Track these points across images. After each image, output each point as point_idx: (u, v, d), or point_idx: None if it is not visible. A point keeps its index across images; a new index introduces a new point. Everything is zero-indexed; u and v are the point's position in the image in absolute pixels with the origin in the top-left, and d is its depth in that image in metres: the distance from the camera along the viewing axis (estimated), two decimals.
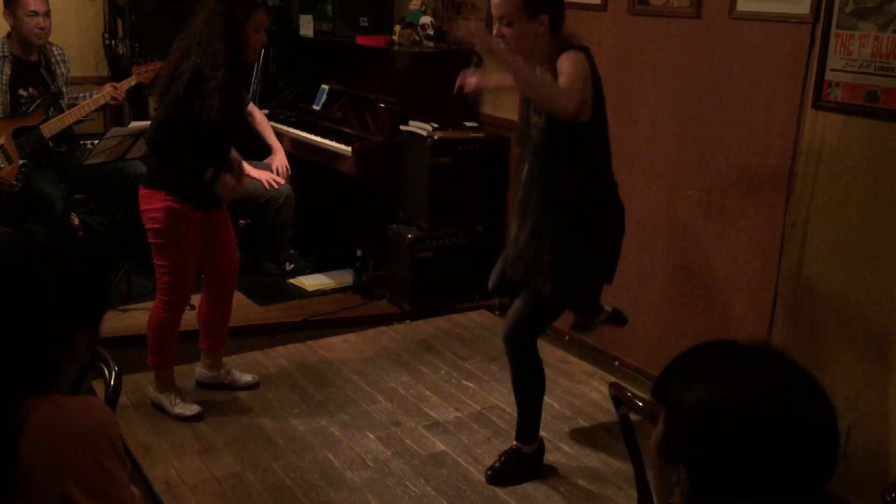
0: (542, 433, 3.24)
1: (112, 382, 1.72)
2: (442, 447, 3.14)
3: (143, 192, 3.14)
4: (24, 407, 1.22)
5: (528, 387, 2.96)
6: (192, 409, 3.26)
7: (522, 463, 2.98)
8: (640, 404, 1.67)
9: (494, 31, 2.64)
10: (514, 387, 2.99)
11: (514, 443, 3.01)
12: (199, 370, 3.50)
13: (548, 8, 2.60)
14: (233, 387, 3.49)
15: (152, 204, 3.09)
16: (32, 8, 4.08)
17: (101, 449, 1.24)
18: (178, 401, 3.28)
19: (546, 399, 3.48)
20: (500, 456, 3.01)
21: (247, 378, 3.53)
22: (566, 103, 2.49)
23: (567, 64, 2.54)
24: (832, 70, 2.84)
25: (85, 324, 1.34)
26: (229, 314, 3.48)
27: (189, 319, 3.38)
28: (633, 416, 1.75)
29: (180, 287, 3.20)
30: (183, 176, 3.07)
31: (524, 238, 2.80)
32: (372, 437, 3.19)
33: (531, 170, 2.75)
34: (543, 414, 3.36)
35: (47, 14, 4.15)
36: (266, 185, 4.42)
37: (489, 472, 2.97)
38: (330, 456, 3.05)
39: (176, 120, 2.96)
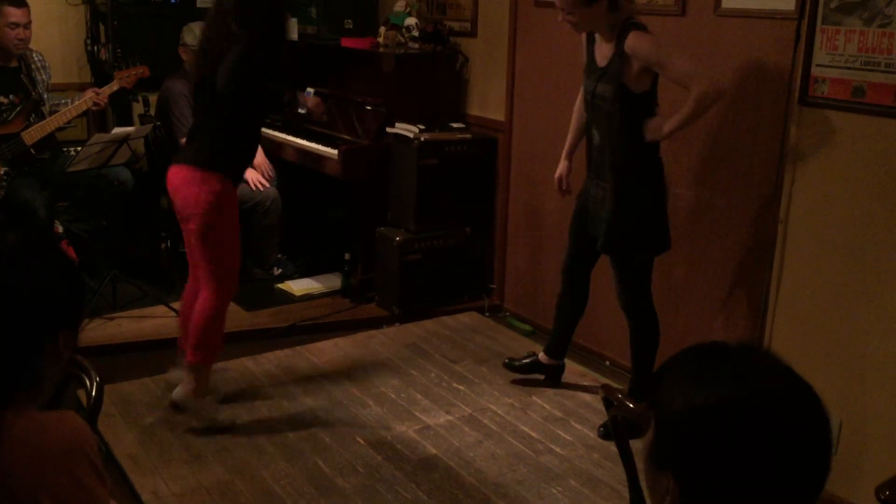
0: (533, 435, 3.24)
1: (94, 393, 1.69)
2: (433, 451, 3.11)
3: (192, 173, 3.02)
4: None
5: (640, 346, 3.20)
6: (228, 418, 3.24)
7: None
8: (631, 406, 1.65)
9: (559, 18, 3.01)
10: (630, 345, 3.24)
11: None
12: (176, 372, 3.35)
13: None
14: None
15: (207, 186, 3.00)
16: (13, 20, 4.04)
17: (77, 465, 1.21)
18: (211, 406, 3.22)
19: (537, 401, 3.49)
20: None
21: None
22: (713, 94, 2.80)
23: (649, 54, 2.86)
24: (818, 66, 2.83)
25: (63, 323, 1.32)
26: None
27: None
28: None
29: (234, 272, 3.17)
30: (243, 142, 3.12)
31: (601, 196, 3.10)
32: (362, 442, 3.16)
33: (603, 137, 3.05)
34: (535, 416, 3.37)
35: (28, 25, 4.11)
36: (252, 185, 4.39)
37: (601, 430, 3.22)
38: (320, 462, 3.02)
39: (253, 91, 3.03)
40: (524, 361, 3.61)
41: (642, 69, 2.90)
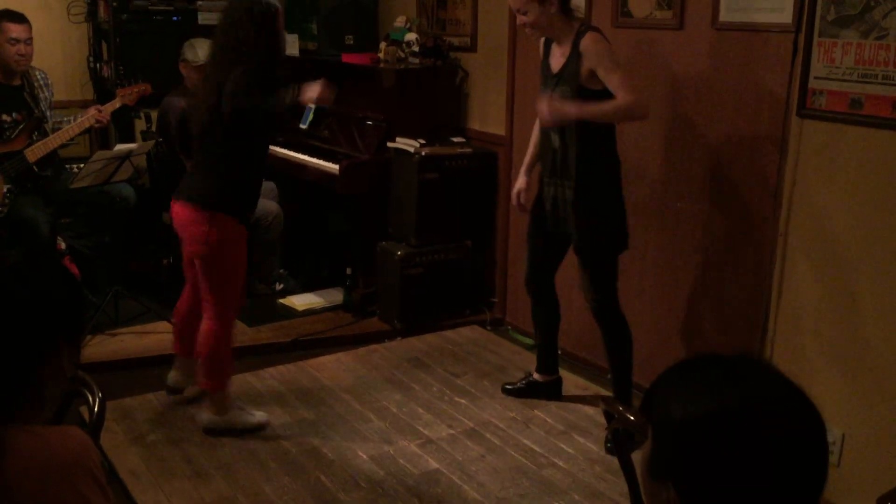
0: (536, 448, 3.23)
1: (96, 408, 1.69)
2: (435, 465, 3.11)
3: (198, 213, 3.05)
4: (2, 437, 1.20)
5: (617, 349, 3.26)
6: (262, 416, 3.30)
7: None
8: (632, 419, 1.65)
9: (518, 22, 3.10)
10: (606, 351, 3.31)
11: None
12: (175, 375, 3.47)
13: None
14: (182, 395, 3.49)
15: (214, 227, 3.04)
16: (14, 35, 4.07)
17: (80, 479, 1.22)
18: (248, 413, 3.28)
19: (539, 414, 3.49)
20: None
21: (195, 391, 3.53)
22: (638, 109, 2.94)
23: (601, 57, 2.94)
24: (816, 78, 2.84)
25: (65, 338, 1.33)
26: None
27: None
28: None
29: (235, 300, 3.22)
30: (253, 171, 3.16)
31: (569, 196, 3.14)
32: (365, 457, 3.16)
33: (565, 138, 3.08)
34: (537, 430, 3.36)
35: (29, 41, 4.14)
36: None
37: (609, 445, 3.17)
38: (322, 477, 3.01)
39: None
40: (521, 385, 3.63)
41: (591, 71, 2.97)
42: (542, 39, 3.21)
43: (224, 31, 3.06)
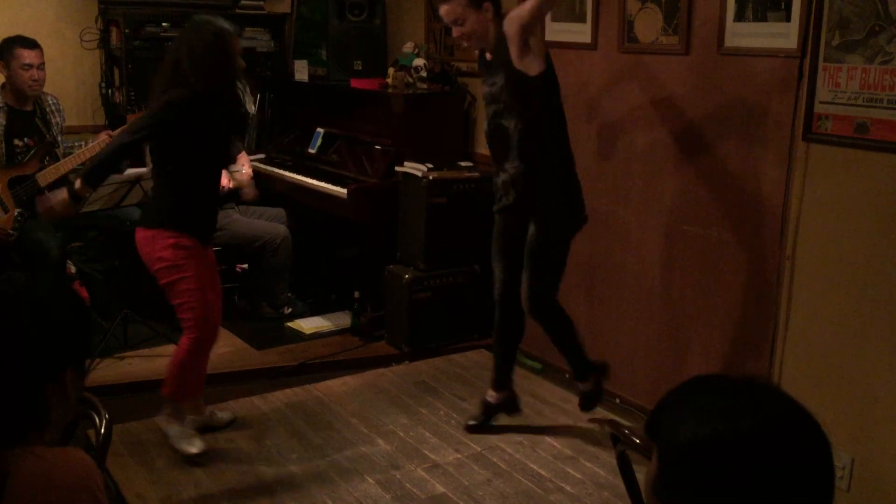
0: (543, 473, 3.22)
1: (102, 430, 1.70)
2: (442, 490, 3.09)
3: (144, 233, 3.13)
4: (6, 459, 1.21)
5: (563, 335, 3.33)
6: (197, 447, 3.23)
7: (593, 395, 3.47)
8: (637, 441, 1.64)
9: (454, 34, 3.05)
10: (554, 342, 3.35)
11: (578, 384, 3.47)
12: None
13: None
14: (216, 427, 3.46)
15: (157, 244, 3.08)
16: (26, 61, 4.13)
17: (82, 501, 1.22)
18: (185, 437, 3.25)
19: (547, 439, 3.47)
20: (580, 398, 3.50)
21: (226, 415, 3.53)
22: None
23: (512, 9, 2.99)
24: (821, 103, 2.85)
25: (71, 362, 1.34)
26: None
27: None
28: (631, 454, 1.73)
29: (206, 321, 3.19)
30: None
31: (506, 179, 3.15)
32: (371, 480, 3.15)
33: (508, 123, 3.06)
34: (545, 454, 3.35)
35: (41, 66, 4.19)
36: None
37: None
38: (329, 501, 3.00)
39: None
40: (483, 418, 3.52)
41: (523, 42, 2.92)
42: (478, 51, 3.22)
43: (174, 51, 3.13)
